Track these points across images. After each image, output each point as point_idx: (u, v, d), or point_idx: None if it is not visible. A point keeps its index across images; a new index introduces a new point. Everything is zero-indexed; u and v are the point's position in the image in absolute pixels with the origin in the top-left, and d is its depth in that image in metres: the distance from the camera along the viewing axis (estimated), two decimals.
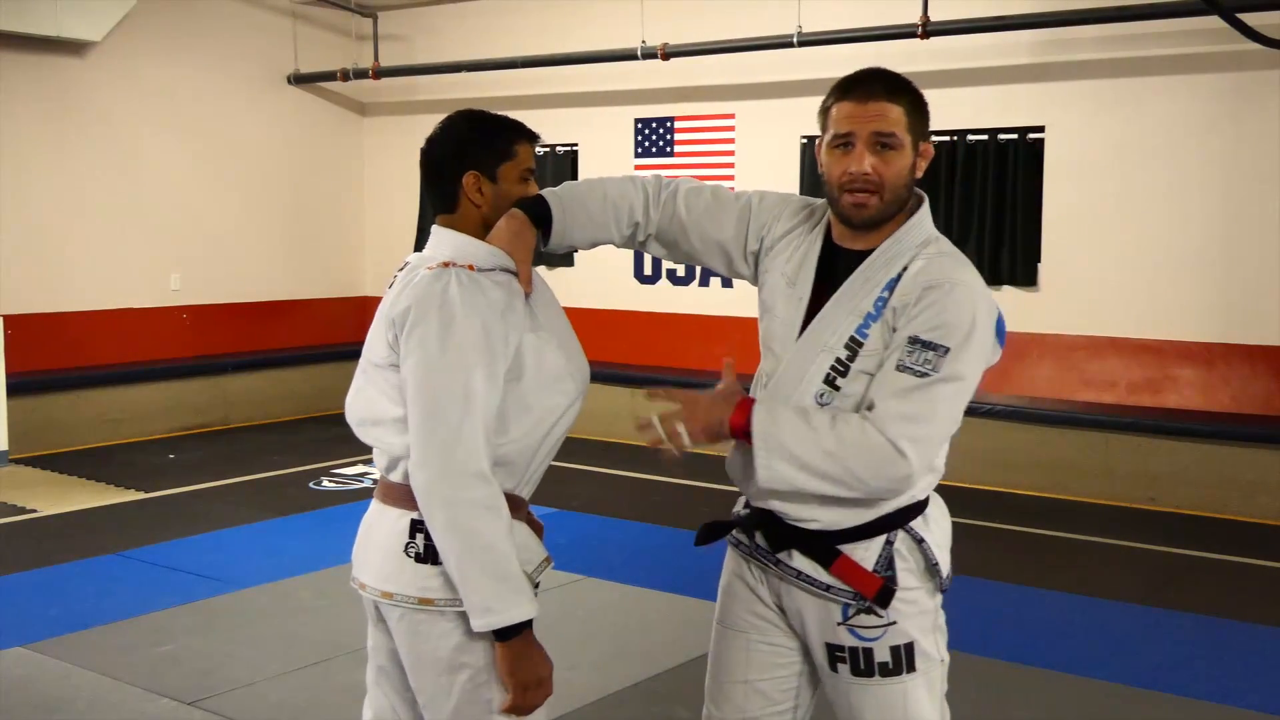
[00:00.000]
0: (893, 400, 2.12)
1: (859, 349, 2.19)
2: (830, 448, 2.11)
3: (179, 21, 9.36)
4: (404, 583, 2.22)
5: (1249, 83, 7.01)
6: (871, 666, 2.25)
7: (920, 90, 2.26)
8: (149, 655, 4.56)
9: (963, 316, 2.14)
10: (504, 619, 2.11)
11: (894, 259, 2.22)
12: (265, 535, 6.36)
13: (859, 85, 2.22)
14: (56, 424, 8.45)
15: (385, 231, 10.65)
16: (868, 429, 2.11)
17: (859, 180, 2.18)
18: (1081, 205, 7.55)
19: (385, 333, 2.24)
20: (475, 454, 2.12)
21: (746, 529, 2.39)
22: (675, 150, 9.15)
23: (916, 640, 2.25)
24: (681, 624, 4.96)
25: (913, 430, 2.11)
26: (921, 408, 2.11)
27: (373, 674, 2.42)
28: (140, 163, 9.22)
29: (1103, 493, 7.17)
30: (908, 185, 2.23)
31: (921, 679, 2.26)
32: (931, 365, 2.12)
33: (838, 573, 2.24)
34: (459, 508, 2.11)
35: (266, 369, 9.74)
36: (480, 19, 9.92)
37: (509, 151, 2.30)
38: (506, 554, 2.13)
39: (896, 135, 2.19)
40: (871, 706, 2.27)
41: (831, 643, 2.27)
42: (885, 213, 2.22)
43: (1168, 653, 4.74)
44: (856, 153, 2.19)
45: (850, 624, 2.24)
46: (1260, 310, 7.07)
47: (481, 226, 2.30)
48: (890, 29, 7.49)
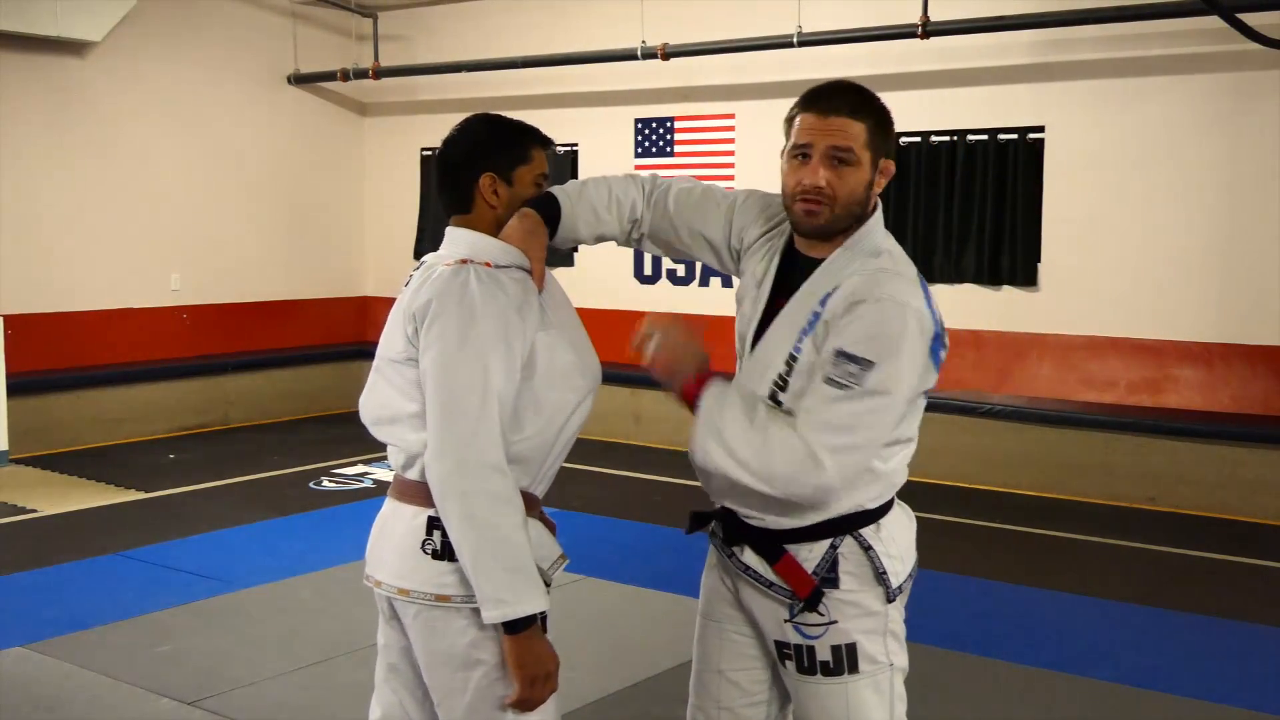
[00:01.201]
0: (816, 410, 2.15)
1: (794, 364, 2.23)
2: (758, 443, 2.16)
3: (179, 21, 9.36)
4: (420, 580, 2.24)
5: (1249, 83, 7.01)
6: (814, 664, 2.28)
7: (886, 108, 2.27)
8: (149, 655, 4.56)
9: (890, 331, 2.14)
10: (516, 611, 2.13)
11: (838, 272, 2.25)
12: (265, 535, 6.36)
13: (823, 99, 2.24)
14: (56, 424, 8.45)
15: (385, 231, 10.64)
16: (790, 432, 2.15)
17: (811, 192, 2.21)
18: (1081, 205, 7.55)
19: (404, 326, 2.26)
20: (492, 446, 2.15)
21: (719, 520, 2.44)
22: (675, 150, 9.15)
23: (859, 642, 2.27)
24: (681, 624, 4.93)
25: (831, 440, 2.13)
26: (843, 419, 2.13)
27: (382, 671, 2.43)
28: (140, 162, 9.22)
29: (1103, 493, 7.17)
30: (861, 201, 2.25)
31: (866, 681, 2.28)
32: (855, 379, 2.13)
33: (780, 571, 2.28)
34: (475, 499, 2.13)
35: (266, 369, 9.74)
36: (480, 19, 9.92)
37: (525, 155, 2.34)
38: (521, 546, 2.15)
39: (854, 151, 2.21)
40: (814, 705, 2.30)
41: (779, 639, 2.32)
42: (836, 224, 2.25)
43: (1168, 653, 4.75)
44: (812, 165, 2.22)
45: (795, 621, 2.28)
46: (1260, 310, 7.07)
47: (495, 227, 2.33)
48: (890, 29, 7.49)
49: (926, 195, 7.89)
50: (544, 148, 2.37)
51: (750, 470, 2.17)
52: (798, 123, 2.25)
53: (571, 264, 9.57)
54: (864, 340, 2.14)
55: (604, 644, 4.78)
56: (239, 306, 9.89)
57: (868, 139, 2.22)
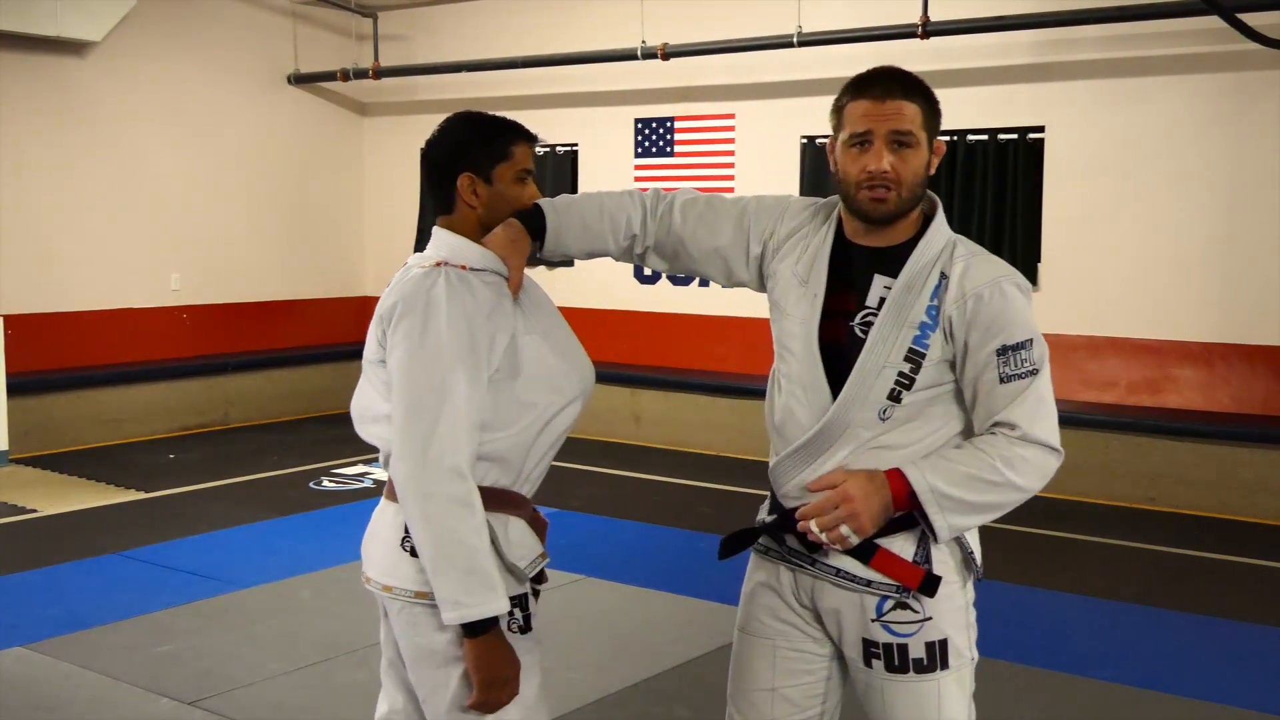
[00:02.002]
0: (1020, 410, 2.19)
1: (921, 360, 2.20)
2: (990, 478, 2.18)
3: (179, 21, 9.36)
4: (401, 576, 2.25)
5: (1249, 83, 7.01)
6: (906, 663, 2.25)
7: (931, 89, 2.28)
8: (149, 655, 4.56)
9: (1021, 308, 2.22)
10: (473, 613, 2.13)
11: (931, 266, 2.24)
12: (265, 535, 6.36)
13: (875, 83, 2.22)
14: (56, 424, 8.45)
15: (385, 231, 10.65)
16: (1017, 444, 2.19)
17: (878, 178, 2.19)
18: (1081, 205, 7.55)
19: (376, 329, 2.29)
20: (452, 449, 2.15)
21: (774, 534, 2.37)
22: (675, 150, 9.15)
23: (950, 636, 2.25)
24: (681, 624, 4.96)
25: (1050, 425, 2.23)
26: (1043, 405, 2.21)
27: (384, 667, 2.45)
28: (140, 163, 9.22)
29: (1103, 493, 7.17)
30: (923, 182, 2.25)
31: (954, 676, 2.27)
32: (1028, 362, 2.19)
33: (878, 566, 2.24)
34: (433, 502, 2.14)
35: (266, 369, 9.74)
36: (480, 19, 9.92)
37: (505, 153, 2.31)
38: (476, 549, 2.15)
39: (914, 133, 2.20)
40: (905, 704, 2.26)
41: (867, 638, 2.27)
42: (902, 208, 2.23)
43: (1168, 653, 4.75)
44: (875, 150, 2.19)
45: (885, 620, 2.24)
46: (1260, 310, 7.07)
47: (478, 227, 2.33)
48: (890, 29, 7.50)
49: None
50: (528, 143, 2.35)
51: (999, 506, 2.21)
52: (849, 111, 2.22)
53: (571, 264, 9.57)
54: (1012, 327, 2.19)
55: (604, 644, 4.77)
56: (239, 306, 9.89)
57: (923, 119, 2.23)
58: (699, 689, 4.30)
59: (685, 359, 8.98)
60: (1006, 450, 2.19)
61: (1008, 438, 2.19)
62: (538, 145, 2.39)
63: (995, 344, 2.18)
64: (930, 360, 2.20)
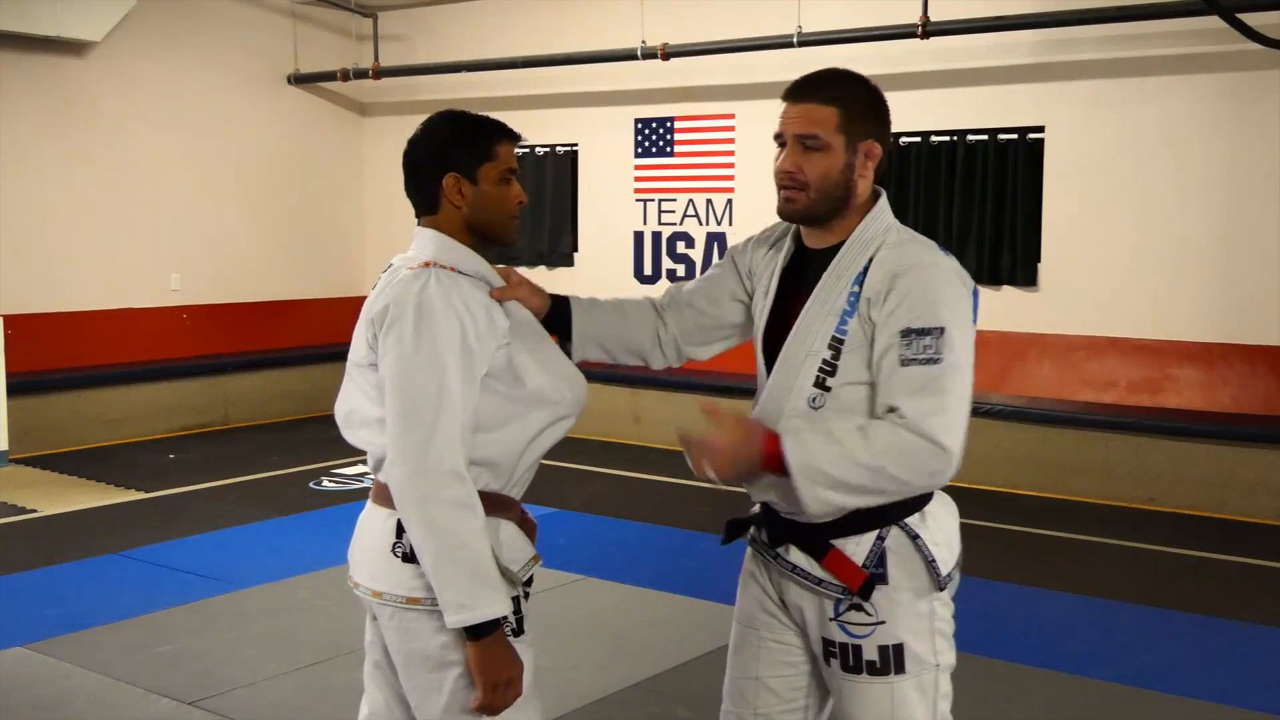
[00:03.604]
0: (912, 398, 2.12)
1: (841, 346, 2.23)
2: (867, 461, 2.11)
3: (179, 21, 9.37)
4: (392, 582, 2.24)
5: (1249, 83, 7.01)
6: (860, 664, 2.27)
7: (874, 91, 2.30)
8: (149, 655, 4.55)
9: (943, 293, 2.18)
10: (477, 615, 2.12)
11: (859, 254, 2.27)
12: (265, 535, 6.36)
13: (796, 88, 2.32)
14: (56, 424, 8.45)
15: (385, 232, 10.65)
16: (900, 433, 2.11)
17: (783, 178, 2.28)
18: (1081, 205, 7.55)
19: (365, 332, 2.28)
20: (450, 452, 2.14)
21: (757, 525, 2.43)
22: (675, 150, 9.15)
23: (906, 642, 2.25)
24: (681, 624, 4.96)
25: (944, 421, 2.12)
26: (941, 396, 2.13)
27: (369, 669, 2.44)
28: (140, 162, 9.22)
29: (1103, 493, 7.17)
30: (839, 184, 2.27)
31: (911, 681, 2.27)
32: (933, 349, 2.13)
33: (828, 566, 2.27)
34: (433, 505, 2.12)
35: (266, 369, 9.73)
36: (480, 19, 9.92)
37: (490, 153, 2.30)
38: (480, 552, 2.14)
39: (819, 137, 2.25)
40: (859, 703, 2.29)
41: (825, 637, 2.30)
42: (814, 209, 2.28)
43: (1168, 653, 4.75)
44: (785, 152, 2.30)
45: (841, 620, 2.27)
46: (1260, 310, 7.07)
47: (463, 227, 2.32)
48: (890, 29, 7.50)
49: (926, 195, 7.89)
50: (511, 142, 2.34)
51: (873, 491, 2.13)
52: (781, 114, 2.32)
53: (571, 264, 9.57)
54: (923, 310, 2.15)
55: (604, 644, 4.77)
56: (239, 306, 9.89)
57: (839, 123, 2.25)
58: (699, 689, 4.30)
59: None
60: (889, 438, 2.11)
61: (892, 424, 2.12)
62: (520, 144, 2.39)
63: (901, 325, 2.15)
64: (850, 345, 2.21)
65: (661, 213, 9.24)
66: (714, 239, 9.00)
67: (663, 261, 9.21)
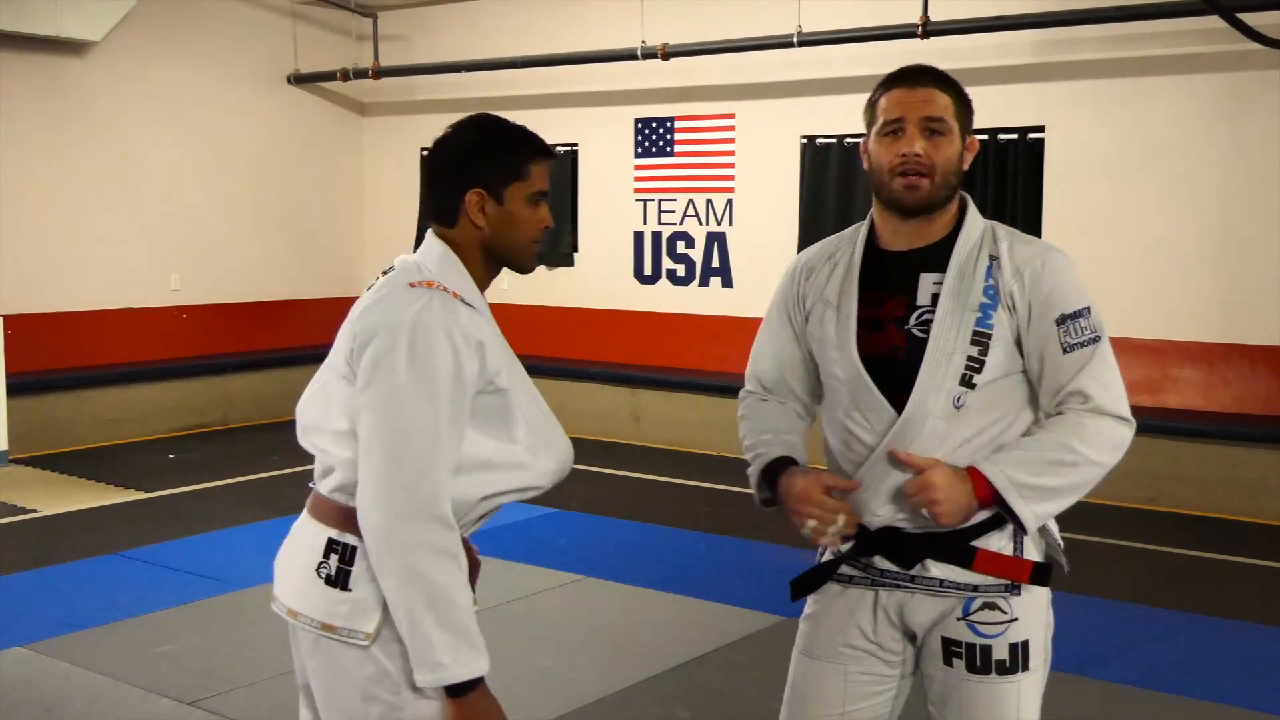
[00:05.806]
0: (1089, 380, 2.18)
1: (988, 341, 2.20)
2: (1066, 458, 2.17)
3: (179, 21, 9.36)
4: (310, 604, 2.07)
5: (1249, 83, 7.01)
6: (989, 664, 2.22)
7: (965, 88, 2.31)
8: (149, 655, 4.55)
9: (1073, 276, 2.23)
10: (453, 675, 1.94)
11: (977, 250, 2.25)
12: (265, 535, 6.32)
13: (907, 75, 2.27)
14: (56, 424, 8.45)
15: (385, 231, 10.65)
16: (1087, 419, 2.18)
17: (911, 162, 2.19)
18: (1081, 205, 7.55)
19: (346, 344, 2.09)
20: (438, 496, 1.96)
21: (857, 560, 2.31)
22: (675, 150, 9.15)
23: (1032, 638, 2.24)
24: (681, 624, 4.96)
25: (1118, 393, 2.22)
26: (1109, 371, 2.22)
27: (300, 684, 2.22)
28: (140, 162, 9.22)
29: (1103, 493, 7.11)
30: (956, 173, 2.26)
31: (1033, 678, 2.25)
32: (1089, 328, 2.19)
33: (982, 568, 2.22)
34: (417, 553, 1.93)
35: (266, 369, 9.72)
36: (480, 19, 9.92)
37: (521, 171, 2.09)
38: (462, 606, 1.95)
39: (945, 120, 2.23)
40: (983, 705, 2.22)
41: (948, 637, 2.24)
42: (935, 196, 2.23)
43: (1168, 653, 4.74)
44: (908, 136, 2.21)
45: (971, 619, 2.22)
46: (1260, 310, 7.07)
47: (479, 248, 2.12)
48: (890, 29, 7.49)
49: None
50: (546, 161, 2.12)
51: (1079, 486, 2.22)
52: (883, 102, 2.25)
53: (571, 264, 9.57)
54: (1066, 296, 2.20)
55: (604, 644, 4.77)
56: (239, 306, 9.89)
57: (955, 110, 2.25)
58: (699, 689, 4.30)
59: (685, 359, 8.97)
60: (1078, 426, 2.18)
61: (1077, 412, 2.18)
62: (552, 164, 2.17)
63: (1054, 314, 2.19)
64: (997, 339, 2.19)
65: (661, 213, 9.24)
66: (714, 239, 9.00)
67: (662, 261, 9.21)
